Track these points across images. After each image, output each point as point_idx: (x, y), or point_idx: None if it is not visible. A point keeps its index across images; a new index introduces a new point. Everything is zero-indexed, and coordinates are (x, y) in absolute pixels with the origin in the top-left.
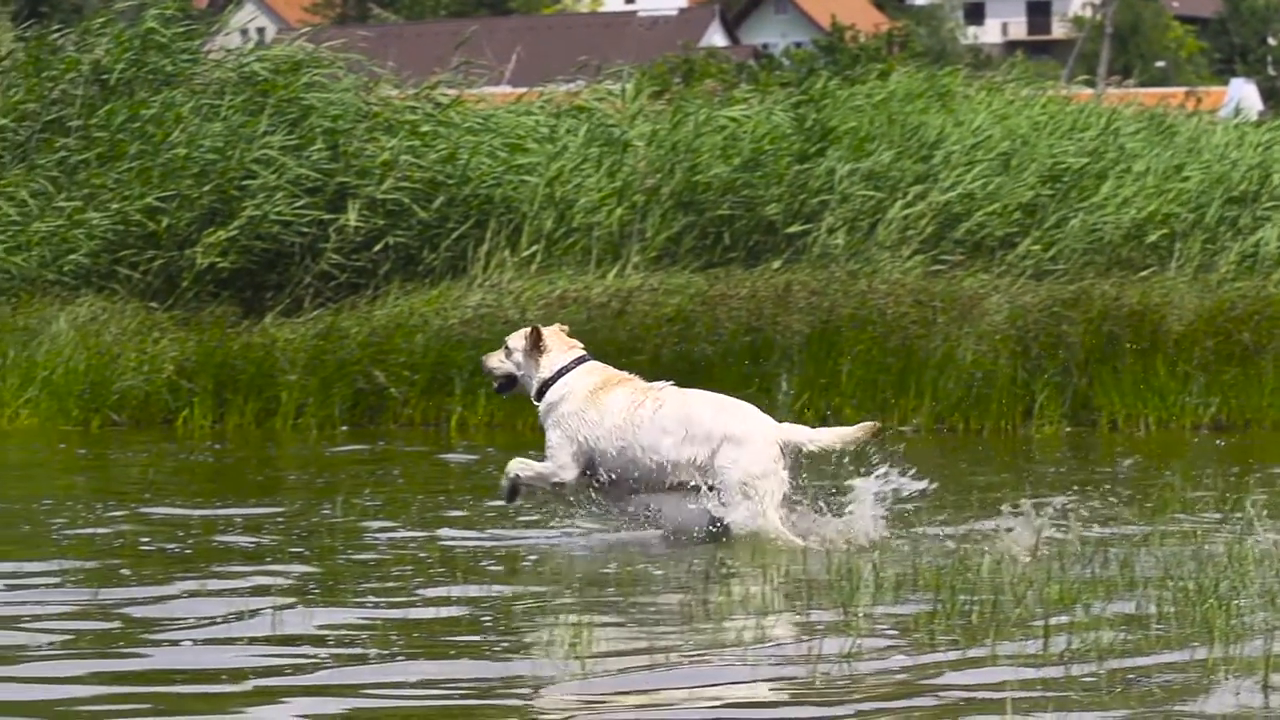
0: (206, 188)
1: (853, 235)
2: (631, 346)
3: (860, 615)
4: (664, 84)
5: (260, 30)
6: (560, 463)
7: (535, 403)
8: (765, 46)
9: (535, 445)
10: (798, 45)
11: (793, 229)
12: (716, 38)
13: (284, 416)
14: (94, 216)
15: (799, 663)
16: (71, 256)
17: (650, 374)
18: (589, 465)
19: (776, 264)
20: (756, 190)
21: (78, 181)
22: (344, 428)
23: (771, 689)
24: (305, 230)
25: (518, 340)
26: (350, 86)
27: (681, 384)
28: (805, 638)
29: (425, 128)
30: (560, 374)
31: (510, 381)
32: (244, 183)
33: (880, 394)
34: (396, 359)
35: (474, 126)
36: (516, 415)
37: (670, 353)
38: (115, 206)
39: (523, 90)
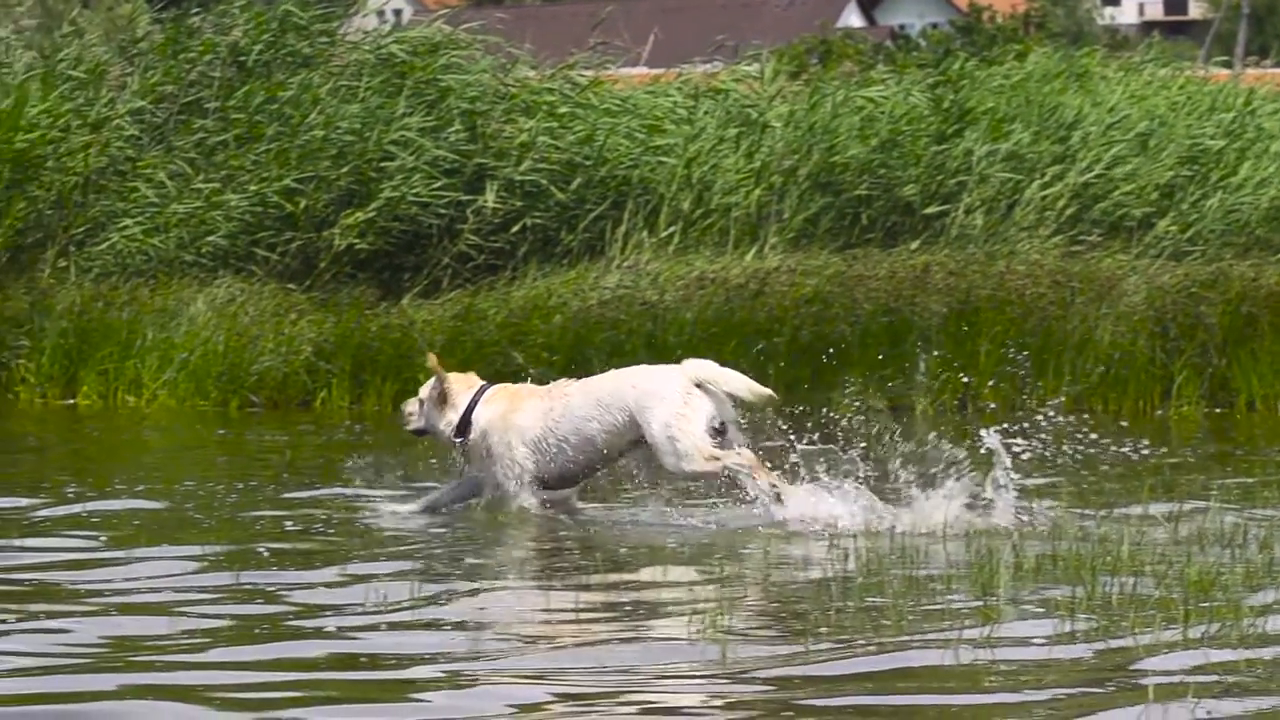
0: (344, 169)
1: (990, 216)
2: (769, 328)
3: (1001, 599)
4: (801, 65)
5: (397, 12)
6: (513, 491)
7: (457, 440)
8: (902, 27)
9: None
10: (935, 26)
11: (930, 210)
12: (853, 19)
13: None
14: (232, 198)
15: (939, 647)
16: (209, 238)
17: (789, 354)
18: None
19: (914, 245)
20: (894, 171)
21: (215, 163)
22: None
23: (911, 674)
24: (443, 211)
25: (425, 391)
26: (488, 68)
27: (821, 365)
28: (945, 622)
29: (563, 109)
30: (472, 406)
31: (422, 430)
32: (382, 164)
33: (1017, 375)
34: (534, 340)
35: (611, 108)
36: None
37: (809, 334)
38: (253, 188)
39: (660, 71)
